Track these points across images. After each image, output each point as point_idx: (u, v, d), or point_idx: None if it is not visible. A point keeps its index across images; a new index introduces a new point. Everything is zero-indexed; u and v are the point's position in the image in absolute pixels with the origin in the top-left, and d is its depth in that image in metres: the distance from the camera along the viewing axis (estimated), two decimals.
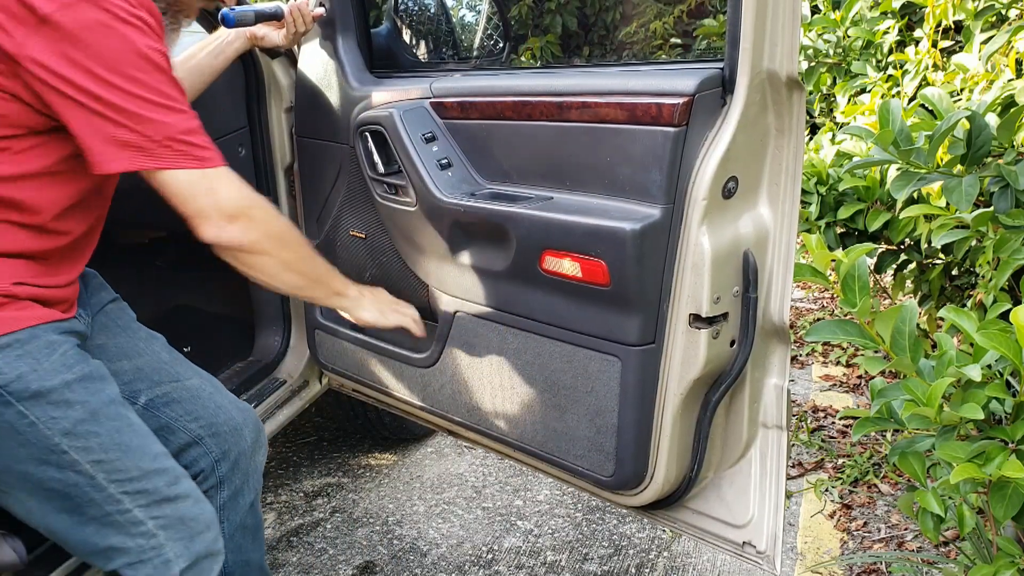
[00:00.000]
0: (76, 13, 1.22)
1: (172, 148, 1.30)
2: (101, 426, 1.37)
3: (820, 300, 4.27)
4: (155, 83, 1.28)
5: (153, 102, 1.28)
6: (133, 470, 1.39)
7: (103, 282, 1.69)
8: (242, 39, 1.89)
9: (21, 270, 1.35)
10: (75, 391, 1.36)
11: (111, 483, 1.37)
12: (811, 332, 1.35)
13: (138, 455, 1.41)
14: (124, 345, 1.63)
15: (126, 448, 1.39)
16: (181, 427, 1.62)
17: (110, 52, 1.24)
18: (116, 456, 1.38)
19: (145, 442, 1.43)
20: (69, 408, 1.34)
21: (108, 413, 1.39)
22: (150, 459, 1.42)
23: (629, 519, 2.51)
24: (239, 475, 1.69)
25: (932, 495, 1.36)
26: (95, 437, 1.36)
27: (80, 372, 1.38)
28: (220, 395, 1.70)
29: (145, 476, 1.40)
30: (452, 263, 1.77)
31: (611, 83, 1.50)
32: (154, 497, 1.41)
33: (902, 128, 1.63)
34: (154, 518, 1.41)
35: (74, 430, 1.34)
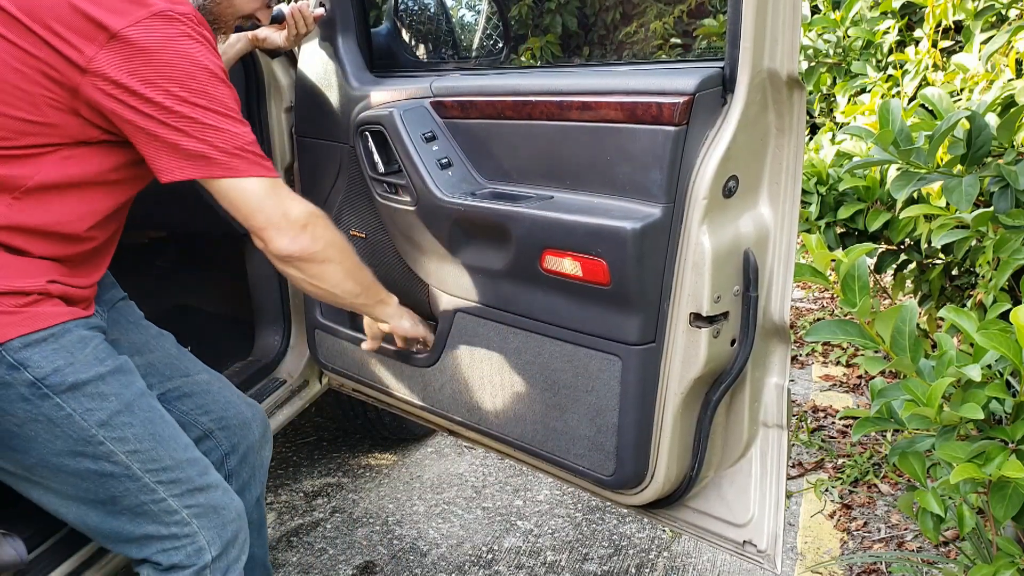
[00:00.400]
0: (148, 30, 1.27)
1: (243, 158, 1.35)
2: (135, 417, 1.40)
3: (820, 300, 4.27)
4: (221, 96, 1.33)
5: (221, 114, 1.33)
6: (167, 459, 1.42)
7: (113, 280, 1.72)
8: (244, 41, 1.89)
9: (54, 270, 1.38)
10: (109, 383, 1.38)
11: (146, 473, 1.40)
12: (811, 332, 1.35)
13: (171, 445, 1.44)
14: (136, 341, 1.65)
15: (159, 438, 1.42)
16: (192, 421, 1.65)
17: (182, 68, 1.29)
18: (150, 446, 1.41)
19: (176, 433, 1.46)
20: (104, 400, 1.37)
21: (140, 404, 1.42)
22: (182, 449, 1.45)
23: (629, 519, 2.51)
24: (247, 469, 1.71)
25: (932, 495, 1.36)
26: (130, 428, 1.39)
27: (112, 365, 1.41)
28: (228, 390, 1.73)
29: (178, 466, 1.44)
30: (452, 263, 1.77)
31: (611, 83, 1.50)
32: (187, 486, 1.44)
33: (902, 128, 1.63)
34: (188, 507, 1.44)
35: (110, 421, 1.37)
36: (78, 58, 1.26)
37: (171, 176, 1.33)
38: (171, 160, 1.32)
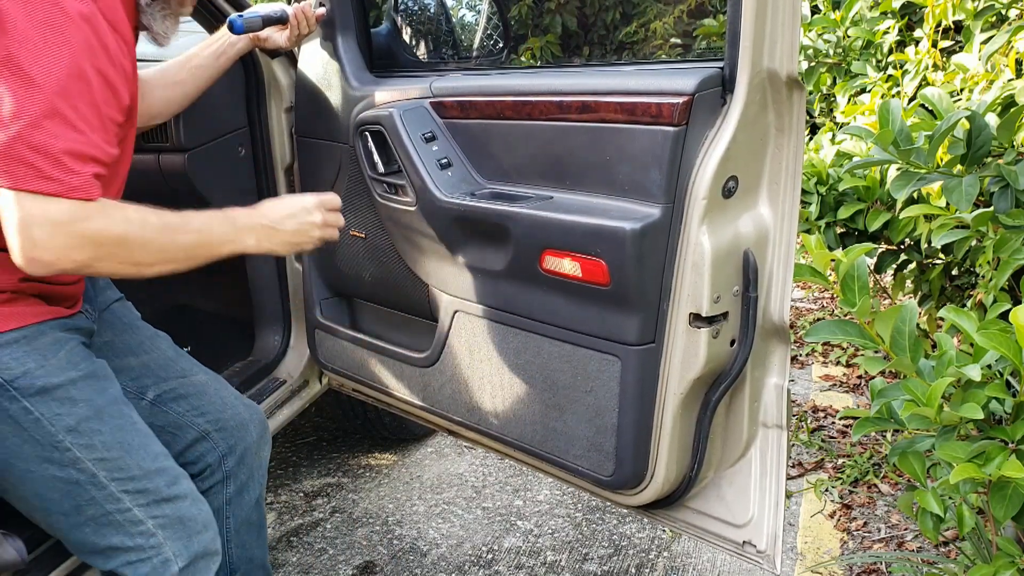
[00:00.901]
0: (29, 6, 1.16)
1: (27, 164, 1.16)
2: (104, 424, 1.37)
3: (820, 300, 4.27)
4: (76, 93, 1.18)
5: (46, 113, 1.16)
6: (134, 469, 1.40)
7: (108, 282, 1.70)
8: (245, 40, 1.88)
9: None
10: (80, 389, 1.36)
11: (112, 481, 1.38)
12: (811, 332, 1.35)
13: (140, 454, 1.41)
14: (131, 342, 1.64)
15: (128, 447, 1.40)
16: (188, 422, 1.63)
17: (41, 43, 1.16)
18: (118, 455, 1.38)
19: (146, 441, 1.44)
20: (74, 405, 1.35)
21: (112, 412, 1.39)
22: (151, 459, 1.43)
23: (629, 519, 2.51)
24: (245, 470, 1.70)
25: (932, 495, 1.36)
26: (98, 435, 1.36)
27: (85, 370, 1.38)
28: (226, 391, 1.71)
29: (146, 475, 1.41)
30: (452, 263, 1.77)
31: (611, 82, 1.50)
32: (154, 496, 1.41)
33: (902, 128, 1.63)
34: (154, 517, 1.41)
35: (78, 427, 1.35)
36: None
37: None
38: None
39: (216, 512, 1.69)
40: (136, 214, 1.28)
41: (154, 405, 1.61)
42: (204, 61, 1.83)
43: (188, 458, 1.65)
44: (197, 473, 1.66)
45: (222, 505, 1.69)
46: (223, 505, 1.69)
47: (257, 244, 1.45)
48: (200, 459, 1.65)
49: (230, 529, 1.70)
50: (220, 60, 1.85)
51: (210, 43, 1.85)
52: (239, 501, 1.70)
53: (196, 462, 1.65)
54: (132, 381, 1.60)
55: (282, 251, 1.51)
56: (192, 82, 1.80)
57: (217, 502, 1.68)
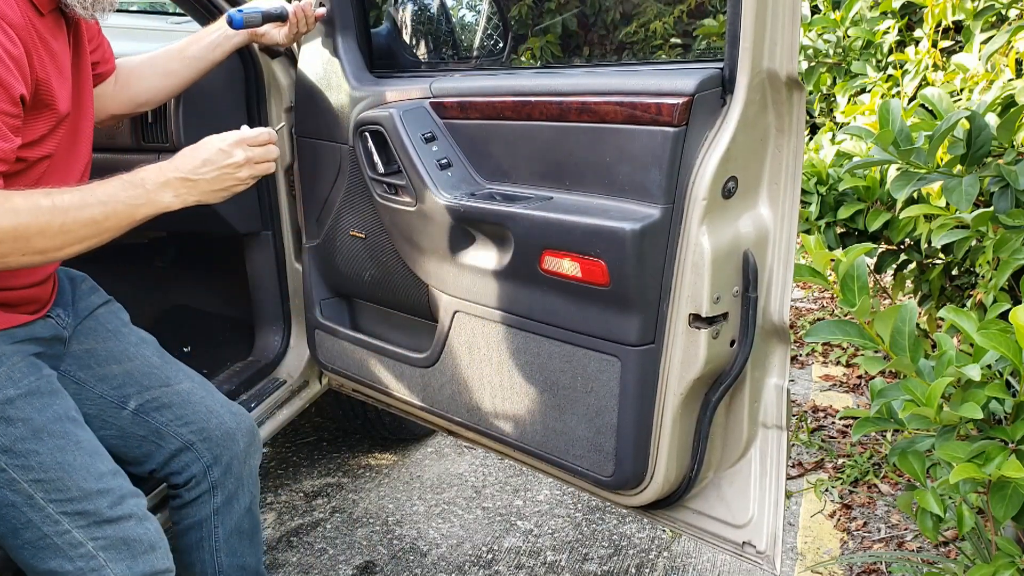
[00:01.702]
0: None
1: None
2: (43, 444, 1.34)
3: (820, 300, 4.27)
4: None
5: None
6: (74, 490, 1.36)
7: (95, 285, 1.67)
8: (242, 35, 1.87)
9: None
10: (18, 407, 1.33)
11: (50, 503, 1.34)
12: (811, 333, 1.35)
13: (80, 475, 1.37)
14: (113, 350, 1.61)
15: (68, 467, 1.36)
16: (171, 432, 1.60)
17: None
18: (57, 476, 1.34)
19: (90, 461, 1.39)
20: (10, 425, 1.32)
21: (52, 431, 1.36)
22: (94, 479, 1.38)
23: (629, 519, 2.51)
24: (232, 480, 1.67)
25: (932, 495, 1.36)
26: (35, 456, 1.33)
27: (26, 387, 1.34)
28: (212, 399, 1.68)
29: (86, 497, 1.37)
30: (452, 263, 1.77)
31: (611, 83, 1.50)
32: (95, 518, 1.37)
33: (902, 128, 1.63)
34: (94, 539, 1.37)
35: (13, 447, 1.31)
36: None
37: None
38: None
39: (204, 521, 1.67)
40: (24, 201, 1.21)
41: (136, 415, 1.59)
42: (199, 52, 1.81)
43: (173, 468, 1.63)
44: (183, 483, 1.64)
45: (210, 515, 1.66)
46: (211, 515, 1.67)
47: (178, 199, 1.39)
48: (185, 469, 1.63)
49: (219, 539, 1.68)
50: (215, 53, 1.82)
51: (206, 34, 1.82)
52: (228, 511, 1.68)
53: (181, 472, 1.63)
54: (114, 390, 1.58)
55: (210, 200, 1.42)
56: (185, 72, 1.78)
57: (205, 512, 1.66)
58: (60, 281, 1.57)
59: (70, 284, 1.61)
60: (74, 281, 1.63)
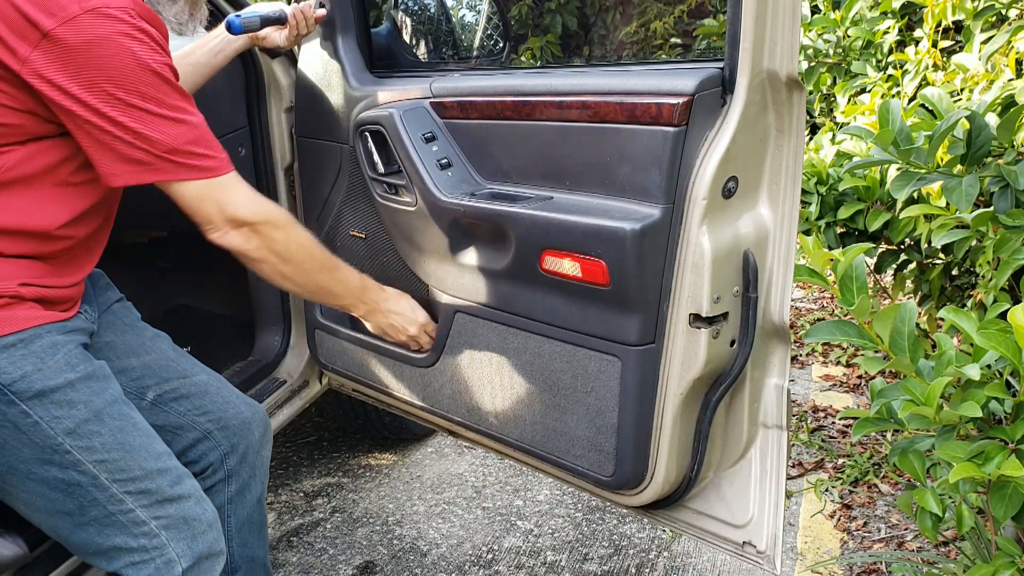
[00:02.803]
0: (79, 28, 1.23)
1: (174, 161, 1.33)
2: (104, 425, 1.37)
3: (820, 300, 4.27)
4: (160, 95, 1.30)
5: (157, 115, 1.30)
6: (136, 470, 1.39)
7: (109, 282, 1.70)
8: (243, 39, 1.89)
9: (27, 271, 1.35)
10: (79, 390, 1.36)
11: (114, 483, 1.37)
12: (810, 333, 1.35)
13: (141, 455, 1.41)
14: (131, 342, 1.64)
15: (129, 448, 1.39)
16: (189, 422, 1.63)
17: (114, 67, 1.25)
18: (119, 456, 1.38)
19: (148, 441, 1.43)
20: (72, 408, 1.34)
21: (111, 412, 1.39)
22: (153, 459, 1.42)
23: (629, 519, 2.51)
24: (247, 469, 1.70)
25: (931, 495, 1.36)
26: (98, 436, 1.36)
27: (84, 371, 1.38)
28: (227, 390, 1.71)
29: (148, 476, 1.41)
30: (452, 263, 1.77)
31: (611, 83, 1.50)
32: (157, 497, 1.41)
33: (902, 128, 1.63)
34: (157, 518, 1.41)
35: (77, 429, 1.34)
36: (12, 60, 1.23)
37: (110, 181, 1.33)
38: (111, 164, 1.31)
39: (218, 510, 1.69)
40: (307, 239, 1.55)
41: (155, 405, 1.61)
42: (201, 59, 1.84)
43: (190, 457, 1.65)
44: (199, 472, 1.66)
45: (224, 504, 1.69)
46: (225, 504, 1.69)
47: (363, 314, 1.79)
48: (202, 458, 1.65)
49: (231, 528, 1.71)
50: (217, 58, 1.85)
51: (207, 41, 1.85)
52: (241, 500, 1.71)
53: (198, 461, 1.65)
54: (132, 382, 1.60)
55: (372, 329, 1.84)
56: (189, 79, 1.80)
57: (219, 500, 1.69)
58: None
59: (90, 281, 1.64)
60: (93, 277, 1.66)
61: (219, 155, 1.39)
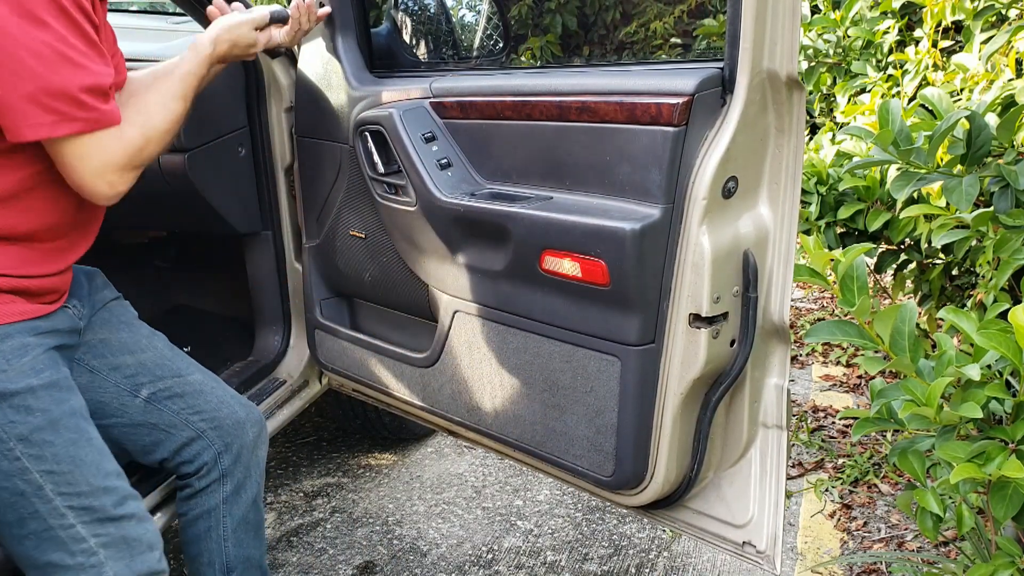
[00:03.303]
0: None
1: (52, 109, 1.24)
2: (58, 436, 1.35)
3: (820, 300, 4.27)
4: (43, 35, 1.22)
5: (40, 56, 1.22)
6: (83, 485, 1.37)
7: (106, 281, 1.70)
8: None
9: (3, 259, 1.33)
10: (39, 397, 1.34)
11: (58, 495, 1.35)
12: (810, 333, 1.35)
13: (90, 471, 1.39)
14: (127, 340, 1.63)
15: (79, 462, 1.37)
16: (183, 420, 1.63)
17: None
18: (68, 468, 1.36)
19: (99, 458, 1.41)
20: (29, 414, 1.33)
21: (68, 424, 1.37)
22: (101, 476, 1.40)
23: (629, 519, 2.51)
24: (241, 469, 1.70)
25: (932, 495, 1.36)
26: (50, 447, 1.34)
27: (47, 379, 1.36)
28: (222, 390, 1.71)
29: (93, 493, 1.39)
30: (452, 263, 1.77)
31: (611, 83, 1.50)
32: (99, 515, 1.39)
33: (902, 128, 1.63)
34: (96, 536, 1.39)
35: (30, 437, 1.33)
36: None
37: (12, 137, 1.25)
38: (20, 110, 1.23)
39: (213, 510, 1.69)
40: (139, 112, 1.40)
41: (148, 403, 1.61)
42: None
43: (184, 457, 1.65)
44: (194, 472, 1.66)
45: (219, 503, 1.69)
46: (220, 503, 1.69)
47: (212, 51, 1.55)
48: (196, 457, 1.65)
49: (227, 528, 1.70)
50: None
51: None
52: (236, 500, 1.70)
53: (192, 460, 1.65)
54: (127, 379, 1.60)
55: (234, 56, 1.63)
56: None
57: (214, 501, 1.68)
58: (75, 274, 1.60)
59: (85, 278, 1.64)
60: (89, 275, 1.65)
61: (102, 109, 1.30)
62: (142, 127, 1.37)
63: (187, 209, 2.16)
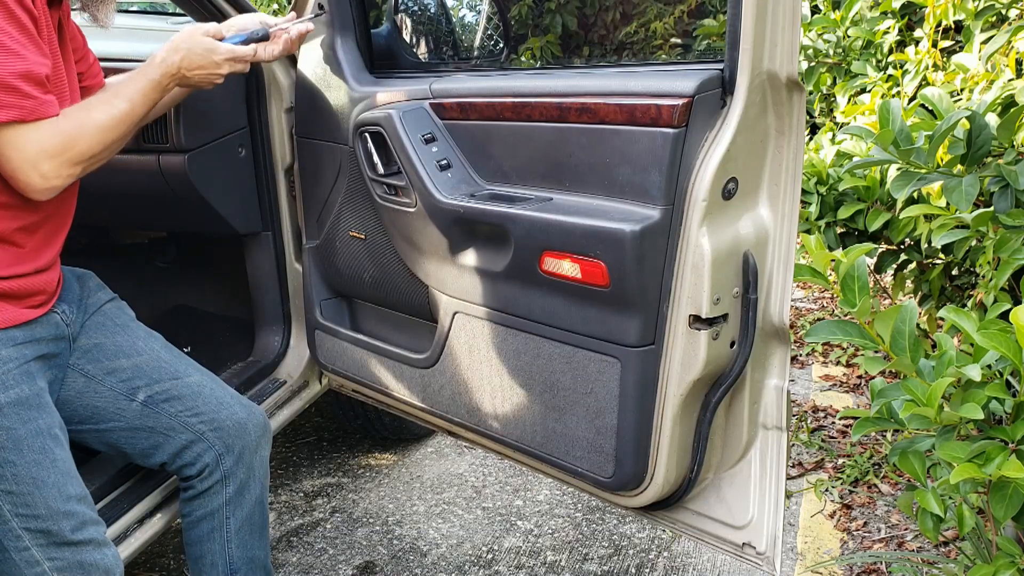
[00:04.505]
0: None
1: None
2: (21, 456, 1.34)
3: (820, 300, 4.27)
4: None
5: None
6: (41, 507, 1.36)
7: (101, 283, 1.69)
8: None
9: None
10: (4, 415, 1.33)
11: (15, 517, 1.35)
12: (811, 333, 1.35)
13: (51, 493, 1.37)
14: (122, 343, 1.62)
15: (41, 484, 1.36)
16: (181, 423, 1.62)
17: None
18: (28, 490, 1.35)
19: (62, 481, 1.40)
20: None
21: (32, 445, 1.36)
22: (62, 500, 1.39)
23: (629, 519, 2.51)
24: (244, 470, 1.69)
25: (932, 495, 1.36)
26: (11, 467, 1.33)
27: (16, 396, 1.35)
28: (222, 391, 1.70)
29: (52, 516, 1.37)
30: (452, 264, 1.77)
31: (611, 84, 1.50)
32: (55, 539, 1.38)
33: (902, 128, 1.63)
34: (51, 559, 1.38)
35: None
36: None
37: None
38: None
39: (217, 511, 1.69)
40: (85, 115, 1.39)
41: (145, 407, 1.60)
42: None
43: (185, 459, 1.64)
44: (196, 474, 1.66)
45: (222, 505, 1.68)
46: (223, 505, 1.69)
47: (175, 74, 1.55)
48: (198, 459, 1.64)
49: (230, 529, 1.70)
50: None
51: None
52: (239, 501, 1.70)
53: (194, 463, 1.65)
54: (123, 383, 1.59)
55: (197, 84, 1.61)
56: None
57: (217, 502, 1.68)
58: (66, 278, 1.58)
59: (77, 281, 1.62)
60: (81, 278, 1.64)
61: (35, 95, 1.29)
62: (79, 120, 1.36)
63: (187, 209, 2.16)
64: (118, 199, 2.13)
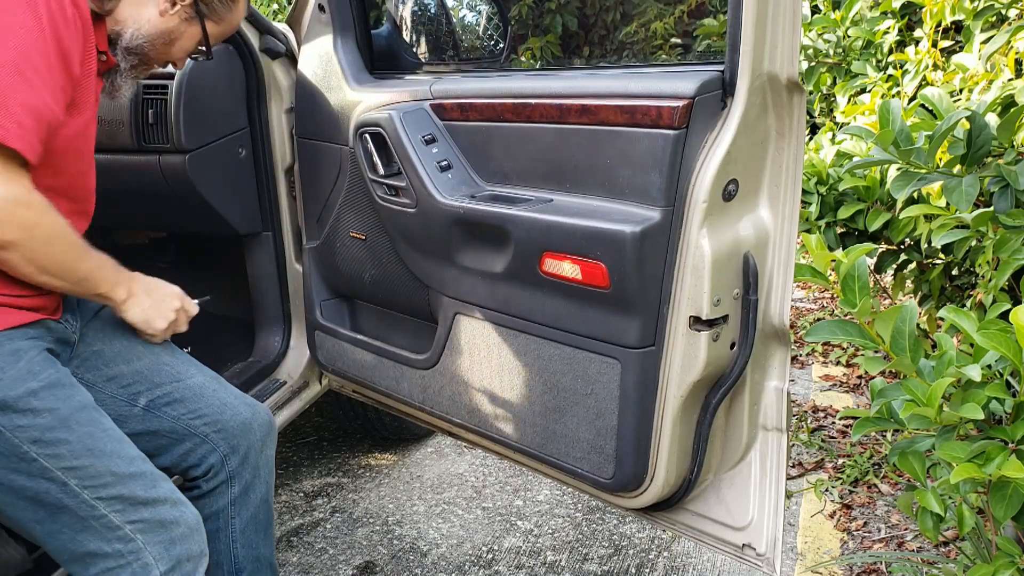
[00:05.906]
0: None
1: None
2: (72, 432, 1.35)
3: (820, 300, 4.27)
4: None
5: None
6: (107, 475, 1.38)
7: None
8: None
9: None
10: (42, 398, 1.34)
11: (84, 489, 1.36)
12: (811, 332, 1.35)
13: (112, 460, 1.39)
14: (121, 349, 1.61)
15: (99, 453, 1.38)
16: (184, 426, 1.62)
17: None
18: (88, 462, 1.36)
19: (119, 447, 1.41)
20: (36, 416, 1.33)
21: (79, 419, 1.37)
22: (125, 463, 1.40)
23: (629, 519, 2.51)
24: (249, 469, 1.69)
25: (932, 495, 1.36)
26: (65, 444, 1.35)
27: (47, 379, 1.36)
28: (225, 392, 1.69)
29: (120, 481, 1.39)
30: (452, 265, 1.77)
31: (611, 85, 1.50)
32: (130, 501, 1.39)
33: (902, 128, 1.63)
34: (131, 522, 1.39)
35: (43, 437, 1.33)
36: None
37: None
38: None
39: (221, 511, 1.69)
40: (64, 221, 1.36)
41: (147, 411, 1.59)
42: None
43: (190, 461, 1.64)
44: (201, 475, 1.65)
45: (227, 505, 1.68)
46: (228, 505, 1.68)
47: (122, 300, 1.53)
48: (203, 461, 1.64)
49: (235, 528, 1.70)
50: None
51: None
52: (245, 501, 1.70)
53: (199, 464, 1.64)
54: (123, 389, 1.59)
55: (131, 318, 1.56)
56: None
57: (223, 502, 1.68)
58: None
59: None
60: None
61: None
62: (49, 209, 1.33)
63: (187, 209, 2.16)
64: (118, 199, 2.13)
